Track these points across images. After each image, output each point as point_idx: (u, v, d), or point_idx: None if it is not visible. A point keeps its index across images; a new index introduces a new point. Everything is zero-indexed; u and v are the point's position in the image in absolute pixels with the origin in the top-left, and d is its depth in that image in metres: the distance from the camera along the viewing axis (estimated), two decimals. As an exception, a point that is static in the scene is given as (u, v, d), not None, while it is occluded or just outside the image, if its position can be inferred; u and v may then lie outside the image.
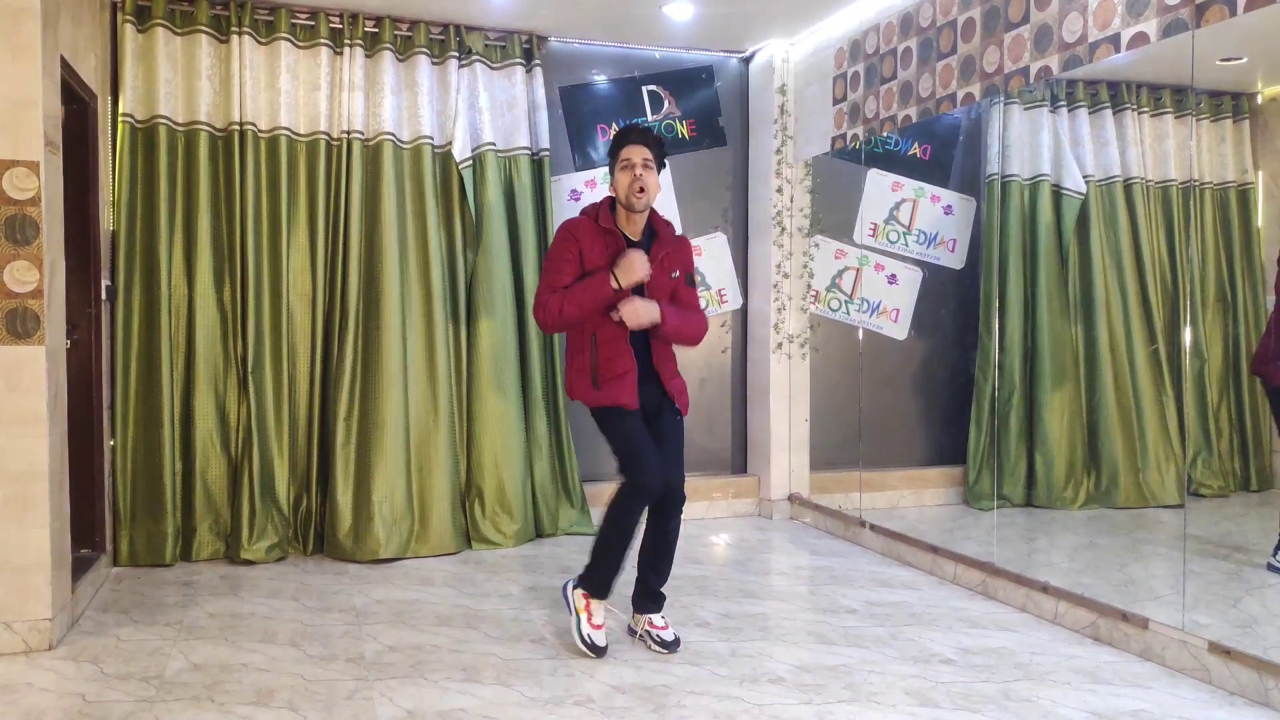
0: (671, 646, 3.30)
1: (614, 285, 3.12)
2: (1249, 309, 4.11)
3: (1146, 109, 4.27)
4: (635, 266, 3.12)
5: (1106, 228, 4.51)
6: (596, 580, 3.28)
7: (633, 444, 3.22)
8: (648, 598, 3.36)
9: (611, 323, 3.18)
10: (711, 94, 5.63)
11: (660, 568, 3.34)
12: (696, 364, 5.64)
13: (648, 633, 3.35)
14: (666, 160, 5.37)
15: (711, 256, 5.63)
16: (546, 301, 3.16)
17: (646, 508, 3.27)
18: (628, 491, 3.22)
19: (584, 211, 3.31)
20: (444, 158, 4.87)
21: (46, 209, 3.23)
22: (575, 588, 3.33)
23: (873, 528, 4.79)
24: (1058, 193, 4.64)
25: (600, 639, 3.27)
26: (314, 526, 4.65)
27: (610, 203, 3.27)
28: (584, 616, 3.28)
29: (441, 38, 4.88)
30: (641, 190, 3.16)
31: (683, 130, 5.57)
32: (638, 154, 3.18)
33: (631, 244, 3.25)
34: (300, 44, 4.67)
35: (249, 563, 4.41)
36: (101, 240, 4.15)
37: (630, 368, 3.18)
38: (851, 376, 5.24)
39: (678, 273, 3.32)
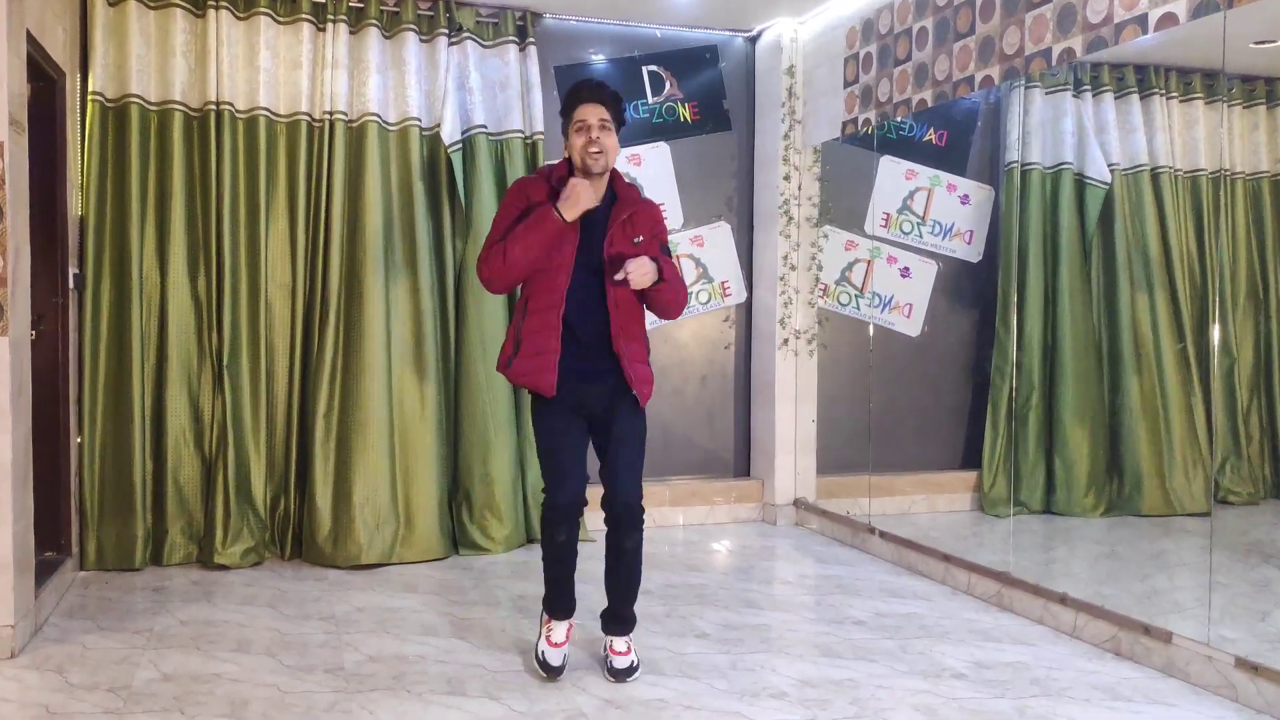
0: (620, 675, 3.15)
1: (557, 216, 2.97)
2: (1282, 306, 4.11)
3: (1175, 94, 4.27)
4: (579, 194, 2.97)
5: (1132, 219, 4.51)
6: (547, 599, 3.25)
7: (548, 448, 3.14)
8: (609, 619, 3.24)
9: (549, 291, 3.04)
10: (715, 75, 5.63)
11: (619, 590, 3.21)
12: (697, 361, 5.64)
13: (606, 657, 3.23)
14: (669, 144, 5.49)
15: (715, 247, 5.63)
16: (488, 255, 3.02)
17: (566, 521, 3.12)
18: (544, 507, 3.16)
19: (539, 171, 3.21)
20: (432, 140, 4.87)
21: (11, 193, 3.23)
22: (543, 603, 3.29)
23: (882, 535, 4.80)
24: (1081, 182, 4.64)
25: (554, 657, 3.17)
26: (292, 530, 4.65)
27: (567, 165, 3.14)
28: (544, 632, 3.24)
29: (430, 13, 4.88)
30: (599, 152, 3.04)
31: (685, 113, 5.57)
32: (593, 114, 3.05)
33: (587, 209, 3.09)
34: (281, 19, 4.67)
35: (223, 567, 4.42)
36: (69, 226, 4.15)
37: (551, 349, 3.04)
38: (861, 375, 5.24)
39: (641, 238, 3.13)
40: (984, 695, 3.07)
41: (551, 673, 3.16)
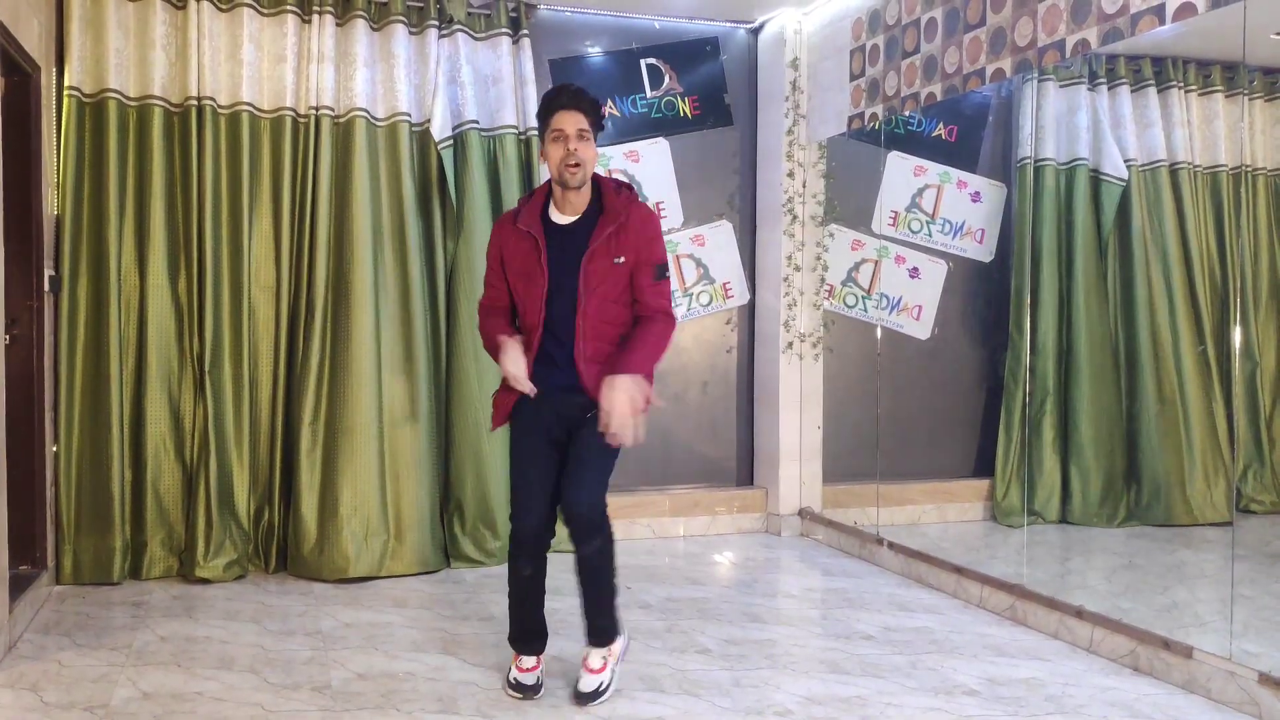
0: (582, 699, 3.10)
1: (501, 362, 3.07)
2: (1305, 307, 4.12)
3: (1194, 87, 4.28)
4: (510, 378, 3.04)
5: (1150, 217, 4.52)
6: (511, 632, 3.24)
7: (514, 475, 3.18)
8: (586, 628, 3.23)
9: (524, 326, 3.14)
10: (717, 68, 5.63)
11: (586, 599, 3.17)
12: (699, 365, 5.64)
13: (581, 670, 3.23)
14: (668, 140, 5.50)
15: (716, 247, 5.63)
16: (481, 314, 3.25)
17: (528, 555, 3.12)
18: (509, 537, 3.19)
19: (520, 200, 3.23)
20: (422, 136, 4.87)
21: (-17, 191, 3.23)
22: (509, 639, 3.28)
23: (891, 546, 4.80)
24: (1096, 178, 4.65)
25: (528, 679, 3.17)
26: (277, 542, 4.65)
27: (547, 186, 3.14)
28: (513, 663, 3.23)
29: (420, 5, 4.88)
30: (576, 165, 2.99)
31: (685, 108, 5.58)
32: (570, 123, 3.00)
33: (556, 228, 3.07)
34: (264, 11, 4.67)
35: (205, 581, 4.41)
36: (45, 226, 4.15)
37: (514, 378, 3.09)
38: (869, 380, 5.24)
39: (623, 259, 3.03)
40: (997, 713, 3.07)
41: (527, 692, 3.15)
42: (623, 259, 3.04)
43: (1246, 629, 3.25)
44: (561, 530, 3.16)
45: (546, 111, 3.07)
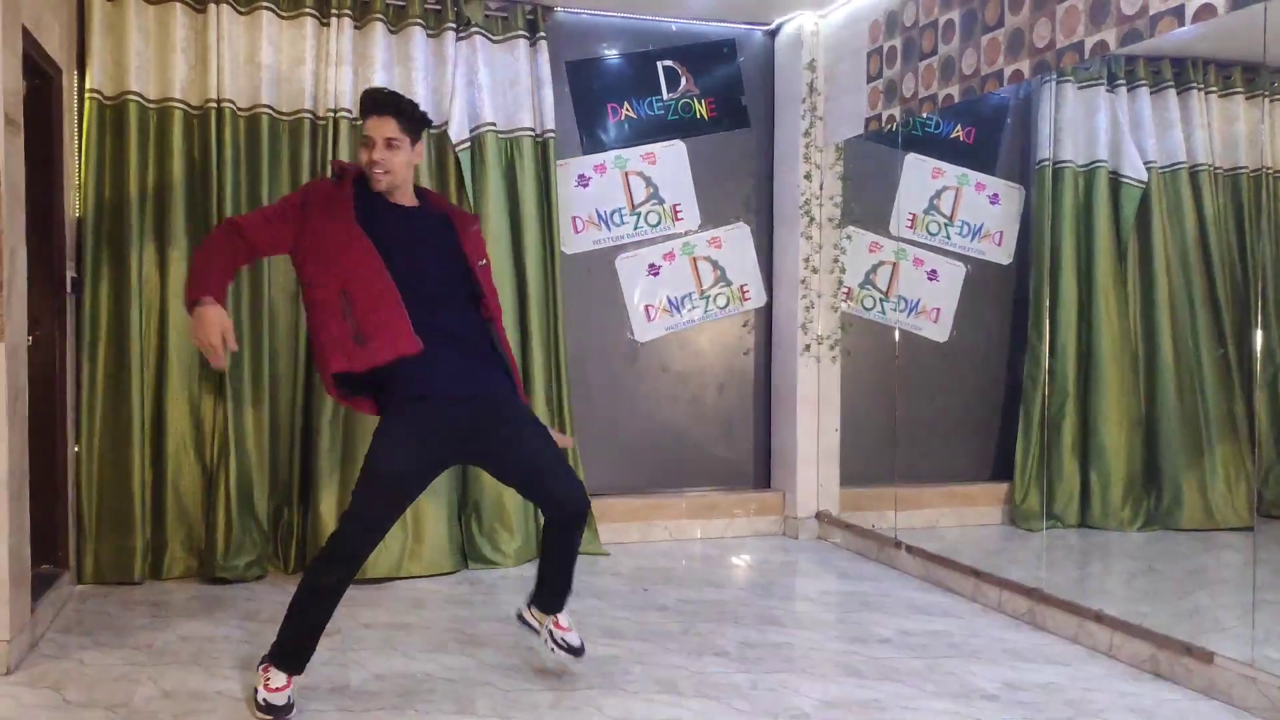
0: (578, 652, 3.28)
1: (194, 303, 2.81)
2: (1328, 310, 4.09)
3: (1214, 88, 4.26)
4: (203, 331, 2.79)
5: (1170, 219, 4.50)
6: (286, 652, 2.99)
7: (388, 484, 2.90)
8: (558, 595, 3.30)
9: (364, 266, 2.88)
10: (733, 70, 5.63)
11: (564, 573, 3.28)
12: (716, 368, 5.64)
13: (550, 633, 3.30)
14: (685, 142, 5.50)
15: (733, 249, 5.63)
16: (217, 234, 2.94)
17: (352, 569, 2.91)
18: (334, 541, 2.89)
19: (335, 169, 3.10)
20: (439, 139, 4.89)
21: (6, 193, 3.26)
22: (267, 656, 3.04)
23: (909, 549, 4.79)
24: (1116, 181, 4.63)
25: (280, 699, 2.95)
26: (296, 542, 4.67)
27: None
28: (263, 680, 2.99)
29: (438, 8, 4.90)
30: (383, 173, 2.98)
31: (701, 110, 5.58)
32: (378, 130, 2.97)
33: (399, 209, 3.05)
34: (284, 14, 4.70)
35: (224, 581, 4.43)
36: (66, 228, 4.18)
37: (394, 307, 2.87)
38: (886, 382, 5.23)
39: (485, 261, 3.19)
40: (1016, 718, 3.06)
41: (279, 713, 2.96)
42: (484, 262, 3.20)
43: (1268, 635, 3.24)
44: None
45: (361, 115, 3.08)
